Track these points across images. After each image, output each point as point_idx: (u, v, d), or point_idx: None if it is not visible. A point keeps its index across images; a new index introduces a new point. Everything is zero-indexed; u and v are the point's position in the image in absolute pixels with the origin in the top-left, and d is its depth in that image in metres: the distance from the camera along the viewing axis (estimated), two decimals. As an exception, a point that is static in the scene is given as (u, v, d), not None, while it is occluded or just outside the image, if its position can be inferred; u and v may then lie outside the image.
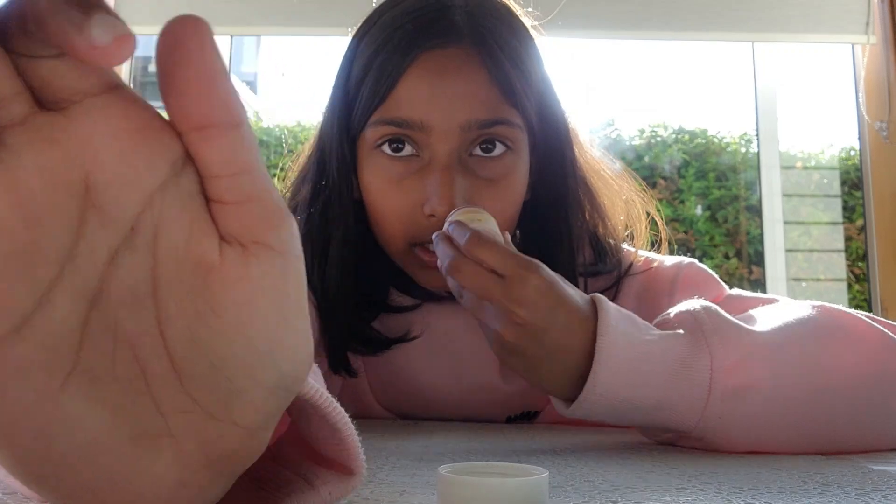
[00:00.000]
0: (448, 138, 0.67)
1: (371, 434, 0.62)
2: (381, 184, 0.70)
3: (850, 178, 2.39)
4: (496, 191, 0.70)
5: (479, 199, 0.68)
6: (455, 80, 0.68)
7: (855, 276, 2.31)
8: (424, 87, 0.67)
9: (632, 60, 2.78)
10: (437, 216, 0.66)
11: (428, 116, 0.67)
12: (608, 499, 0.38)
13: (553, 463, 0.50)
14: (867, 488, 0.42)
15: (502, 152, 0.70)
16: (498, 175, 0.70)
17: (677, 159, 2.55)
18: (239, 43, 2.95)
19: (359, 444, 0.27)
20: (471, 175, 0.69)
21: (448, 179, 0.67)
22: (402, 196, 0.69)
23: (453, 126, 0.67)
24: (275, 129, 2.66)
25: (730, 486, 0.42)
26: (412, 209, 0.68)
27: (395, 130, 0.68)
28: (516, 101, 0.69)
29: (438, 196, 0.66)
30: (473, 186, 0.68)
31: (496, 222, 0.64)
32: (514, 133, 0.70)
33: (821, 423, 0.56)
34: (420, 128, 0.67)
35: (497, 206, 0.69)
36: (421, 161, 0.69)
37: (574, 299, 0.55)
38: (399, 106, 0.68)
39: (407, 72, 0.67)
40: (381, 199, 0.70)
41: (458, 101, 0.67)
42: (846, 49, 2.14)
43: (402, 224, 0.69)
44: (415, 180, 0.68)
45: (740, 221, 2.48)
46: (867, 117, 2.04)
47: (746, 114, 2.33)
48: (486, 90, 0.68)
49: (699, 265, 0.80)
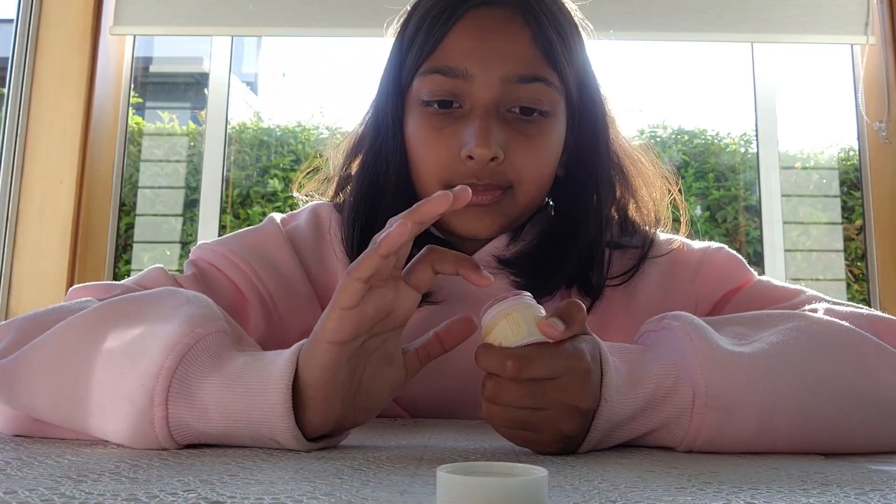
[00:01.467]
0: (488, 88, 0.73)
1: (371, 434, 0.62)
2: (424, 132, 0.75)
3: (849, 179, 2.38)
4: (531, 147, 0.74)
5: (513, 152, 0.72)
6: (498, 35, 0.74)
7: (854, 276, 2.31)
8: (469, 39, 0.74)
9: (631, 60, 2.78)
10: (474, 157, 0.71)
11: (471, 65, 0.73)
12: (608, 499, 0.38)
13: (553, 463, 0.50)
14: (866, 488, 0.42)
15: (540, 116, 0.74)
16: (533, 133, 0.74)
17: (677, 159, 2.55)
18: (239, 43, 2.95)
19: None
20: (509, 128, 0.73)
21: (486, 124, 0.72)
22: (442, 141, 0.73)
23: (494, 77, 0.72)
24: (275, 130, 2.65)
25: (730, 486, 0.42)
26: (450, 153, 0.73)
27: (441, 80, 0.73)
28: (556, 64, 0.74)
29: (476, 138, 0.71)
30: (509, 138, 0.73)
31: (531, 183, 0.73)
32: (552, 94, 0.75)
33: (810, 438, 0.56)
34: (464, 76, 0.73)
35: (531, 162, 0.74)
36: (462, 111, 0.74)
37: (595, 371, 0.54)
38: (445, 56, 0.74)
39: (455, 26, 0.74)
40: (422, 145, 0.75)
41: (500, 54, 0.73)
42: (845, 49, 2.14)
43: (440, 168, 0.73)
44: (455, 128, 0.73)
45: (739, 221, 2.48)
46: (866, 118, 2.04)
47: (746, 114, 2.33)
48: (527, 48, 0.74)
49: (728, 251, 0.82)
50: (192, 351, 0.54)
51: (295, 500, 0.36)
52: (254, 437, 0.54)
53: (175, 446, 0.54)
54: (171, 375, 0.53)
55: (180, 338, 0.54)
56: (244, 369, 0.54)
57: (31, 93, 1.99)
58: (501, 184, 0.73)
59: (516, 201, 0.75)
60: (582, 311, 0.54)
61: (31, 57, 1.99)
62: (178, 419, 0.53)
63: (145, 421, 0.53)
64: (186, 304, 0.58)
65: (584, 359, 0.52)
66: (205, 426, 0.53)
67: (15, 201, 1.95)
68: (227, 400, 0.53)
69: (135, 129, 2.40)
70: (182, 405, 0.53)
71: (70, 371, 0.56)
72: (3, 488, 0.38)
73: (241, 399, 0.52)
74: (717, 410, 0.54)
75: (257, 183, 2.54)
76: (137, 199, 2.39)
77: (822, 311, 0.66)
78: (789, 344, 0.57)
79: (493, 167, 0.72)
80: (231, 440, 0.55)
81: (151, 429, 0.53)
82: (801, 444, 0.56)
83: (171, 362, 0.53)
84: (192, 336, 0.54)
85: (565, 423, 0.52)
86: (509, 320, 0.53)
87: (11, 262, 1.93)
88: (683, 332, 0.56)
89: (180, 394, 0.53)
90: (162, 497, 0.36)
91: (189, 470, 0.44)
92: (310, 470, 0.45)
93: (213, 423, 0.53)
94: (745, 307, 0.73)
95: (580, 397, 0.52)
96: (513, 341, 0.52)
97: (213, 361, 0.54)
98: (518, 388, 0.51)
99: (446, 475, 0.32)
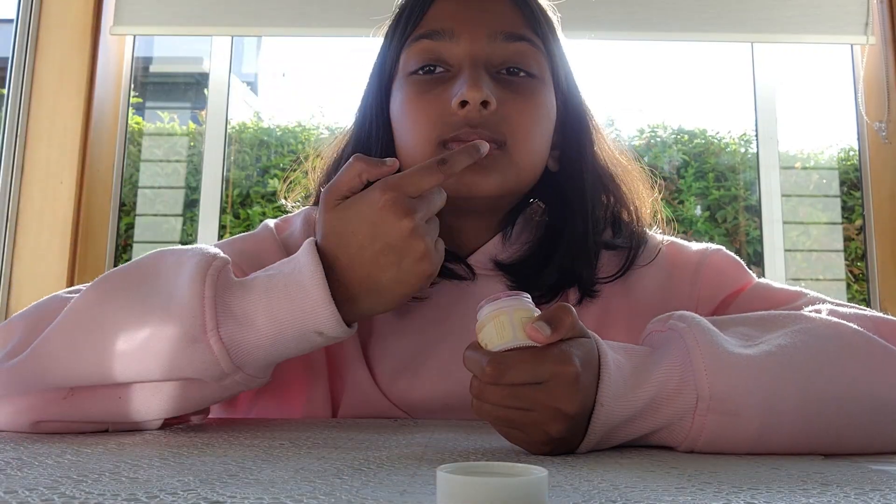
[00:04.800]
0: (475, 43, 0.74)
1: (371, 434, 0.62)
2: (411, 98, 0.75)
3: (849, 179, 2.39)
4: (523, 104, 0.74)
5: (504, 105, 0.73)
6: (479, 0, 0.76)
7: (854, 276, 2.31)
8: (451, 4, 0.76)
9: (631, 61, 2.78)
10: (468, 101, 0.71)
11: (456, 25, 0.74)
12: (608, 498, 0.38)
13: (553, 462, 0.50)
14: (866, 488, 0.42)
15: (527, 77, 0.75)
16: (524, 91, 0.75)
17: (677, 160, 2.55)
18: (239, 44, 2.95)
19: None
20: (498, 85, 0.74)
21: (476, 74, 0.72)
22: (432, 100, 0.74)
23: (479, 34, 0.74)
24: (275, 130, 2.65)
25: (729, 486, 0.42)
26: (441, 108, 0.73)
27: (427, 44, 0.75)
28: (538, 30, 0.76)
29: (467, 84, 0.71)
30: (500, 92, 0.73)
31: (525, 140, 0.73)
32: (538, 56, 0.76)
33: (814, 442, 0.56)
34: (449, 36, 0.74)
35: (523, 118, 0.74)
36: (450, 74, 0.75)
37: (593, 374, 0.54)
38: (429, 22, 0.76)
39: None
40: (410, 111, 0.75)
41: (484, 13, 0.75)
42: (845, 49, 2.14)
43: (432, 123, 0.73)
44: (444, 88, 0.74)
45: (739, 222, 2.48)
46: (866, 118, 2.04)
47: (746, 114, 2.33)
48: (509, 10, 0.76)
49: (726, 252, 0.81)
50: (220, 278, 0.60)
51: (295, 500, 0.36)
52: (300, 335, 0.61)
53: (233, 369, 0.61)
54: (214, 304, 0.59)
55: (205, 270, 0.60)
56: (271, 280, 0.61)
57: (31, 93, 1.99)
58: (496, 136, 0.72)
59: (512, 159, 0.73)
60: (571, 314, 0.53)
61: (31, 57, 1.99)
62: (231, 338, 0.59)
63: (201, 350, 0.59)
64: (186, 252, 0.64)
65: (572, 363, 0.52)
66: (257, 337, 0.60)
67: (15, 201, 1.95)
68: (272, 308, 0.59)
69: (135, 129, 2.40)
70: (232, 325, 0.59)
71: (101, 337, 0.60)
72: (4, 488, 0.38)
73: (284, 302, 0.59)
74: (720, 413, 0.54)
75: (257, 183, 2.54)
76: (137, 199, 2.39)
77: (825, 312, 0.65)
78: (796, 347, 0.57)
79: (486, 116, 0.71)
80: (279, 346, 0.61)
81: (211, 354, 0.59)
82: (803, 446, 0.56)
83: (209, 292, 0.59)
84: (215, 266, 0.60)
85: (551, 426, 0.52)
86: (496, 322, 0.53)
87: (11, 262, 1.93)
88: (689, 333, 0.56)
89: (226, 315, 0.59)
90: (162, 497, 0.36)
91: (189, 470, 0.44)
92: (310, 470, 0.45)
93: (263, 332, 0.60)
94: (747, 310, 0.72)
95: (566, 401, 0.51)
96: (496, 344, 0.52)
97: (239, 283, 0.61)
98: (499, 391, 0.52)
99: (446, 475, 0.32)
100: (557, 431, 0.52)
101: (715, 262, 0.80)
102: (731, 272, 0.79)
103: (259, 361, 0.62)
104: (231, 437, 0.60)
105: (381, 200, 0.60)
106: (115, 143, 2.10)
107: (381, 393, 0.76)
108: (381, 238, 0.60)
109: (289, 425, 0.68)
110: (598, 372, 0.54)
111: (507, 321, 0.52)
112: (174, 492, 0.38)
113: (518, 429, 0.53)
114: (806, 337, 0.58)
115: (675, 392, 0.55)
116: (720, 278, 0.79)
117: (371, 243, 0.60)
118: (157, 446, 0.55)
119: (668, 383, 0.55)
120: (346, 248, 0.61)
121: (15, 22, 2.01)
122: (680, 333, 0.57)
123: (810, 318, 0.62)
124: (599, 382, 0.53)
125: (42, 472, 0.43)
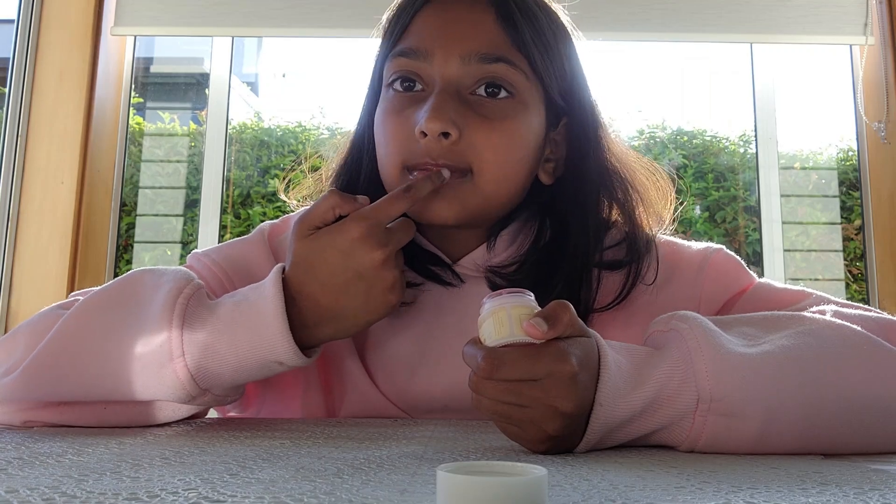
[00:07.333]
0: (447, 66, 0.72)
1: (371, 434, 0.62)
2: (384, 113, 0.75)
3: (848, 179, 2.39)
4: (492, 128, 0.71)
5: (471, 132, 0.70)
6: (462, 17, 0.73)
7: (853, 276, 2.31)
8: (432, 21, 0.75)
9: (630, 61, 2.78)
10: (427, 133, 0.69)
11: (431, 45, 0.73)
12: (607, 498, 0.38)
13: (553, 462, 0.50)
14: (865, 487, 0.42)
15: (506, 97, 0.73)
16: (496, 115, 0.72)
17: (676, 160, 2.55)
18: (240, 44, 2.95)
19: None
20: (468, 109, 0.71)
21: (440, 100, 0.70)
22: (401, 122, 0.73)
23: (453, 55, 0.72)
24: (275, 130, 2.65)
25: (729, 486, 0.42)
26: (408, 133, 0.72)
27: (404, 62, 0.73)
28: (524, 48, 0.73)
29: (427, 113, 0.69)
30: (467, 118, 0.71)
31: (493, 169, 0.71)
32: (517, 77, 0.73)
33: (815, 443, 0.56)
34: (424, 55, 0.73)
35: (492, 144, 0.71)
36: (424, 94, 0.73)
37: (592, 368, 0.54)
38: (409, 39, 0.75)
39: (420, 11, 0.75)
40: (383, 127, 0.75)
41: (460, 33, 0.73)
42: (844, 50, 2.14)
43: (398, 148, 0.73)
44: (414, 109, 0.72)
45: (739, 222, 2.48)
46: (865, 118, 2.04)
47: (745, 114, 2.33)
48: (490, 29, 0.73)
49: (727, 252, 0.80)
50: (190, 305, 0.63)
51: (295, 500, 0.36)
52: (261, 364, 0.64)
53: (200, 392, 0.64)
54: (181, 333, 0.62)
55: (175, 298, 0.63)
56: (237, 308, 0.64)
57: (32, 93, 1.99)
58: (459, 165, 0.71)
59: (476, 187, 0.71)
60: (569, 311, 0.53)
61: (31, 57, 2.00)
62: (196, 365, 0.63)
63: (168, 375, 0.62)
64: (163, 275, 0.67)
65: (569, 362, 0.51)
66: (219, 365, 0.63)
67: (15, 201, 1.95)
68: (235, 338, 0.63)
69: (135, 130, 2.40)
70: (196, 352, 0.62)
71: (81, 361, 0.64)
72: (5, 487, 0.38)
73: (245, 333, 0.63)
74: (721, 414, 0.54)
75: (258, 183, 2.54)
76: (138, 199, 2.39)
77: (830, 313, 0.65)
78: (799, 347, 0.57)
79: (447, 146, 0.70)
80: (241, 373, 0.64)
81: (177, 379, 0.63)
82: (805, 447, 0.56)
83: (177, 321, 0.62)
84: (185, 295, 0.64)
85: (548, 424, 0.52)
86: (495, 318, 0.53)
87: (12, 263, 1.93)
88: (690, 334, 0.56)
89: (191, 343, 0.62)
90: (163, 496, 0.37)
91: (190, 469, 0.45)
92: (310, 469, 0.45)
93: (226, 360, 0.63)
94: (751, 311, 0.72)
95: (563, 400, 0.51)
96: (494, 340, 0.53)
97: (208, 309, 0.64)
98: (495, 386, 0.52)
99: (446, 475, 0.32)
100: (555, 430, 0.52)
101: (717, 262, 0.78)
102: (734, 273, 0.78)
103: (225, 384, 0.66)
104: (232, 437, 0.60)
105: (355, 231, 0.63)
106: (115, 144, 2.10)
107: (380, 393, 0.76)
108: (353, 267, 0.64)
109: (289, 425, 0.68)
110: (597, 372, 0.54)
111: (506, 317, 0.53)
112: (175, 491, 0.38)
113: (515, 425, 0.53)
114: (808, 338, 0.58)
115: (675, 393, 0.55)
116: (723, 279, 0.77)
117: (343, 272, 0.64)
118: (159, 446, 0.55)
119: (668, 384, 0.55)
120: (315, 276, 0.64)
121: (16, 22, 2.01)
122: (681, 334, 0.57)
123: (813, 319, 0.61)
124: (599, 382, 0.53)
125: (43, 471, 0.43)
